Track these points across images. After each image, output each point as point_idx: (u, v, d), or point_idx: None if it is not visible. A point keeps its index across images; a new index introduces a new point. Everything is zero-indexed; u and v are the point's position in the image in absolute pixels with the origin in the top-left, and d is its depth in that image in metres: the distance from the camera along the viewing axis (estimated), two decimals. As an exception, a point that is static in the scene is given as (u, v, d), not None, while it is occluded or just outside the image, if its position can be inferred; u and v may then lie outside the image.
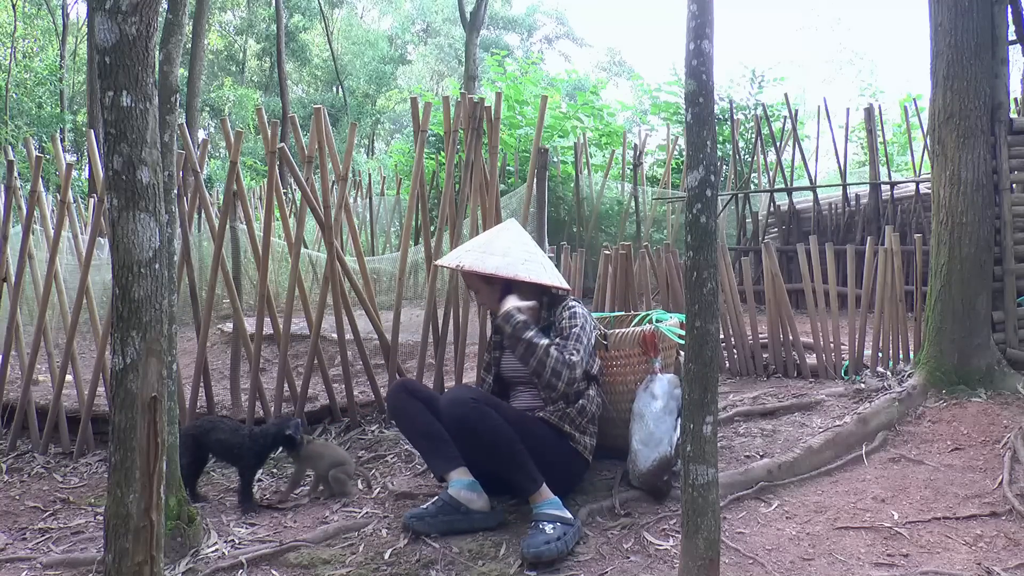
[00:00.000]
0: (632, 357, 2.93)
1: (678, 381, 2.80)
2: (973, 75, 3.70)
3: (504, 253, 2.74)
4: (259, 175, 18.43)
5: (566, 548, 2.32)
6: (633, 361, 2.93)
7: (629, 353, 2.93)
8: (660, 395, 2.77)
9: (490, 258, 2.73)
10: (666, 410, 2.73)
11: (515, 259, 2.73)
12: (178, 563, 2.32)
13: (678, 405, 2.73)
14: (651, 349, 2.89)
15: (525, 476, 2.47)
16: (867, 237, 4.89)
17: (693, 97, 1.84)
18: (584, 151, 9.50)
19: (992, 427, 3.23)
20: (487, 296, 2.82)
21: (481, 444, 2.48)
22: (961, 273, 3.71)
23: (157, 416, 1.66)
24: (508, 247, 2.77)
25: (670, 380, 2.83)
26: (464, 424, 2.49)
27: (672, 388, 2.80)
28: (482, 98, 3.79)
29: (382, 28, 36.49)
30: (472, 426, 2.46)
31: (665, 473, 2.68)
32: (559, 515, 2.40)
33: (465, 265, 2.73)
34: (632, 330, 2.98)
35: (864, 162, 9.56)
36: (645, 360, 2.90)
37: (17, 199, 3.88)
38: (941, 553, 2.30)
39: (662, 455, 2.65)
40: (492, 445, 2.46)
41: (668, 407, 2.74)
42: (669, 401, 2.76)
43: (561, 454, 2.63)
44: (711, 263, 1.85)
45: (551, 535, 2.31)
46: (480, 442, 2.48)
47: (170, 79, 2.46)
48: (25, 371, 3.72)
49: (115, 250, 1.64)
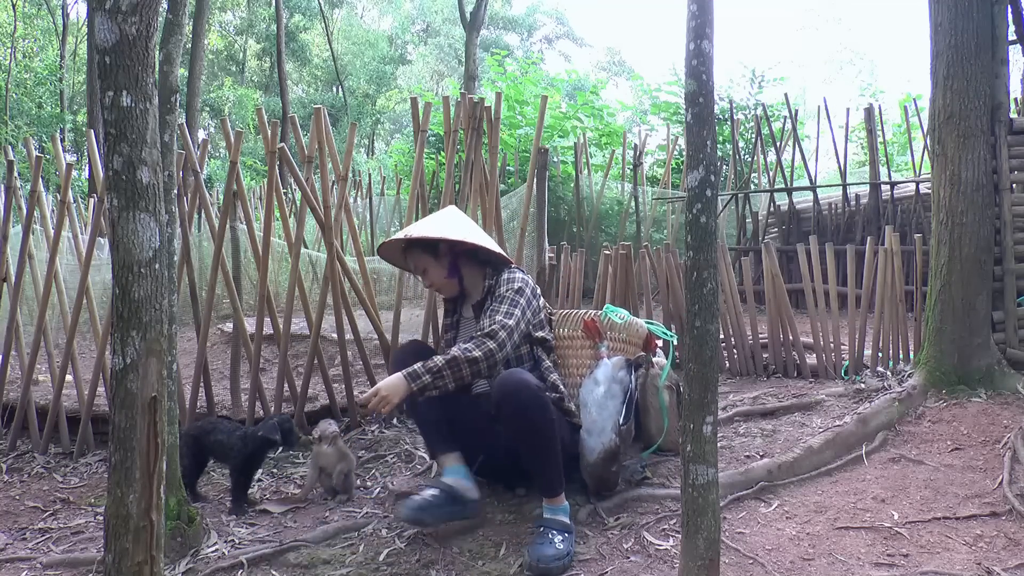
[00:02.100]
0: (575, 339, 2.93)
1: (623, 363, 2.73)
2: (973, 75, 3.70)
3: (447, 225, 2.75)
4: (259, 175, 18.42)
5: (570, 561, 2.30)
6: (576, 344, 2.92)
7: (572, 335, 2.93)
8: (602, 380, 2.66)
9: (434, 228, 2.73)
10: (608, 395, 2.62)
11: (459, 229, 2.73)
12: (178, 563, 2.32)
13: (624, 388, 2.65)
14: (595, 335, 2.86)
15: (557, 474, 2.43)
16: (867, 237, 4.89)
17: (693, 97, 1.84)
18: (584, 151, 9.50)
19: (992, 427, 3.22)
20: (436, 273, 2.77)
21: (533, 435, 2.38)
22: (961, 273, 3.71)
23: (157, 416, 1.66)
24: (449, 222, 2.77)
25: (614, 363, 2.72)
26: (525, 413, 2.36)
27: (616, 372, 2.69)
28: (482, 98, 3.79)
29: (382, 28, 36.50)
30: (532, 417, 2.36)
31: (612, 463, 2.57)
32: (567, 524, 2.38)
33: (413, 233, 2.71)
34: (574, 311, 3.01)
35: (864, 162, 9.56)
36: (592, 347, 2.87)
37: (17, 199, 3.88)
38: (941, 553, 2.30)
39: (606, 445, 2.55)
40: (547, 440, 2.38)
41: (611, 391, 2.63)
42: (612, 385, 2.64)
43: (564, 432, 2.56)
44: (711, 263, 1.85)
45: (561, 550, 2.27)
46: (533, 433, 2.38)
47: (170, 79, 2.46)
48: (25, 371, 3.72)
49: (115, 250, 1.64)
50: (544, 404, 2.39)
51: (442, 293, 2.89)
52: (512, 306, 2.57)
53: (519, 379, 2.39)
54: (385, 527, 2.59)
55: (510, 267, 2.75)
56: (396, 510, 2.54)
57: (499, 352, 2.47)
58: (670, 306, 4.71)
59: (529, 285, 2.68)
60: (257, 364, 3.58)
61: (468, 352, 2.43)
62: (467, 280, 2.80)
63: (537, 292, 2.74)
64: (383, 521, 2.65)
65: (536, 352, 2.72)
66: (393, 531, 2.55)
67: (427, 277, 2.81)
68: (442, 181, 6.90)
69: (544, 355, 2.72)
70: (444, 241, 2.71)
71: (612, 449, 2.55)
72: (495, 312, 2.56)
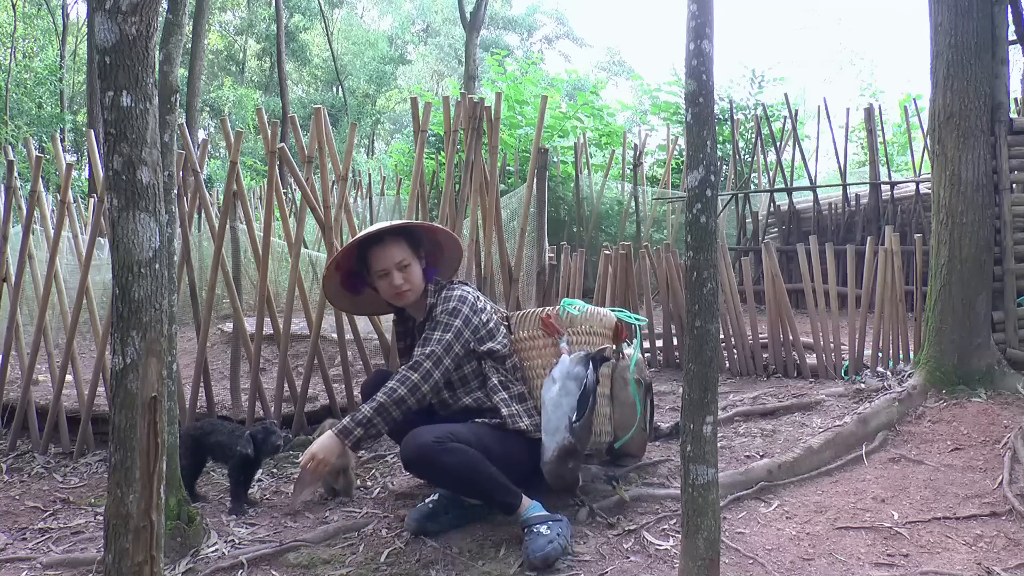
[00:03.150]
0: (537, 339, 2.81)
1: (581, 357, 2.61)
2: (973, 75, 3.70)
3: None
4: (259, 175, 18.42)
5: (566, 542, 2.32)
6: (539, 344, 2.80)
7: (533, 335, 2.82)
8: (558, 377, 2.56)
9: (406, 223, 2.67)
10: (563, 392, 2.52)
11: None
12: (178, 563, 2.32)
13: (579, 384, 2.54)
14: (553, 331, 2.77)
15: (504, 495, 2.40)
16: (867, 237, 4.89)
17: (693, 97, 1.84)
18: (584, 151, 9.50)
19: (992, 427, 3.23)
20: (417, 272, 2.63)
21: (453, 484, 2.43)
22: (961, 273, 3.71)
23: (157, 416, 1.66)
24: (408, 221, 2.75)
25: (572, 358, 2.61)
26: (433, 473, 2.41)
27: (572, 367, 2.57)
28: (482, 98, 3.79)
29: (382, 28, 36.52)
30: (440, 472, 2.37)
31: (569, 460, 2.48)
32: (545, 514, 2.38)
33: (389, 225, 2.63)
34: (531, 311, 2.90)
35: (864, 162, 9.56)
36: (554, 343, 2.76)
37: (17, 199, 3.88)
38: (941, 553, 2.30)
39: (560, 443, 2.47)
40: (469, 481, 2.37)
41: (565, 388, 2.53)
42: (566, 382, 2.54)
43: (515, 446, 2.53)
44: (711, 263, 1.85)
45: (549, 535, 2.29)
46: (453, 482, 2.41)
47: (170, 79, 2.46)
48: (25, 371, 3.71)
49: (115, 250, 1.64)
50: (445, 454, 2.31)
51: (404, 299, 2.65)
52: (444, 331, 2.49)
53: (414, 445, 2.33)
54: (385, 527, 2.59)
55: (451, 283, 2.67)
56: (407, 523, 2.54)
57: (424, 384, 2.40)
58: (670, 306, 4.71)
59: (467, 301, 2.57)
60: (257, 364, 3.58)
61: (393, 394, 2.37)
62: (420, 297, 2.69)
63: (478, 306, 2.61)
64: (383, 521, 2.65)
65: (484, 367, 2.61)
66: (393, 531, 2.55)
67: (407, 275, 2.61)
68: (442, 181, 6.90)
69: (493, 370, 2.62)
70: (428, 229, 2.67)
71: (566, 447, 2.47)
72: (426, 340, 2.48)
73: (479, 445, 2.39)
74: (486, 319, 2.64)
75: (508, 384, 2.64)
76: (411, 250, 2.63)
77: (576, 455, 2.50)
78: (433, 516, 2.50)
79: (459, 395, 2.61)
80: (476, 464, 2.35)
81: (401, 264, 2.60)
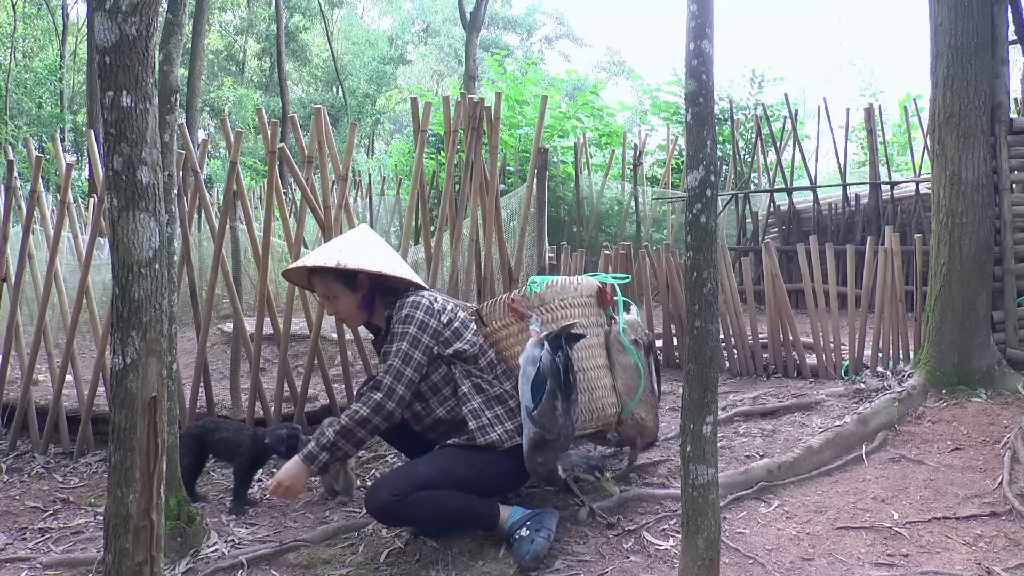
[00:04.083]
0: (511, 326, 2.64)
1: (540, 338, 2.41)
2: (973, 75, 3.70)
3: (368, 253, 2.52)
4: (259, 175, 18.43)
5: (551, 534, 2.32)
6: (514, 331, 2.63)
7: (507, 323, 2.64)
8: (523, 364, 2.40)
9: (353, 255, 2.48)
10: (524, 379, 2.36)
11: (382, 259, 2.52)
12: (178, 563, 2.32)
13: (538, 367, 2.34)
14: (520, 315, 2.60)
15: (477, 517, 2.38)
16: (867, 237, 4.89)
17: (693, 97, 1.84)
18: (584, 151, 9.51)
19: (992, 427, 3.23)
20: (347, 304, 2.55)
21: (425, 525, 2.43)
22: (961, 273, 3.71)
23: (157, 416, 1.66)
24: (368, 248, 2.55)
25: (532, 342, 2.43)
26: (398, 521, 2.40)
27: (532, 350, 2.39)
28: (482, 98, 3.79)
29: (382, 28, 36.53)
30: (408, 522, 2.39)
31: (537, 454, 2.33)
32: (524, 517, 2.37)
33: (324, 261, 2.47)
34: (498, 298, 2.74)
35: (864, 162, 9.57)
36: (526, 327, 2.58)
37: (17, 199, 3.88)
38: (941, 553, 2.30)
39: (529, 434, 2.33)
40: (436, 521, 2.38)
41: (525, 374, 2.36)
42: (527, 367, 2.37)
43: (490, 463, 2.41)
44: (711, 263, 1.85)
45: (530, 535, 2.30)
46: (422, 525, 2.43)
47: (170, 79, 2.46)
48: (25, 371, 3.72)
49: (115, 250, 1.64)
50: (406, 509, 2.26)
51: (347, 324, 2.67)
52: (400, 340, 2.39)
53: (374, 504, 2.30)
54: (385, 527, 2.59)
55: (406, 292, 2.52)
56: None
57: (389, 401, 2.33)
58: (670, 306, 4.71)
59: (420, 306, 2.44)
60: (257, 364, 3.58)
61: (356, 415, 2.32)
62: (376, 311, 2.59)
63: (434, 308, 2.47)
64: (383, 521, 2.64)
65: (454, 373, 2.47)
66: (393, 531, 2.55)
67: (333, 306, 2.59)
68: (442, 181, 6.90)
69: (464, 375, 2.47)
70: (364, 273, 2.50)
71: (533, 439, 2.32)
72: (385, 355, 2.42)
73: (446, 478, 2.32)
74: (447, 319, 2.49)
75: (482, 387, 2.48)
76: (341, 283, 2.52)
77: (544, 448, 2.33)
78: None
79: (431, 406, 2.49)
80: (442, 505, 2.30)
81: (325, 295, 2.60)
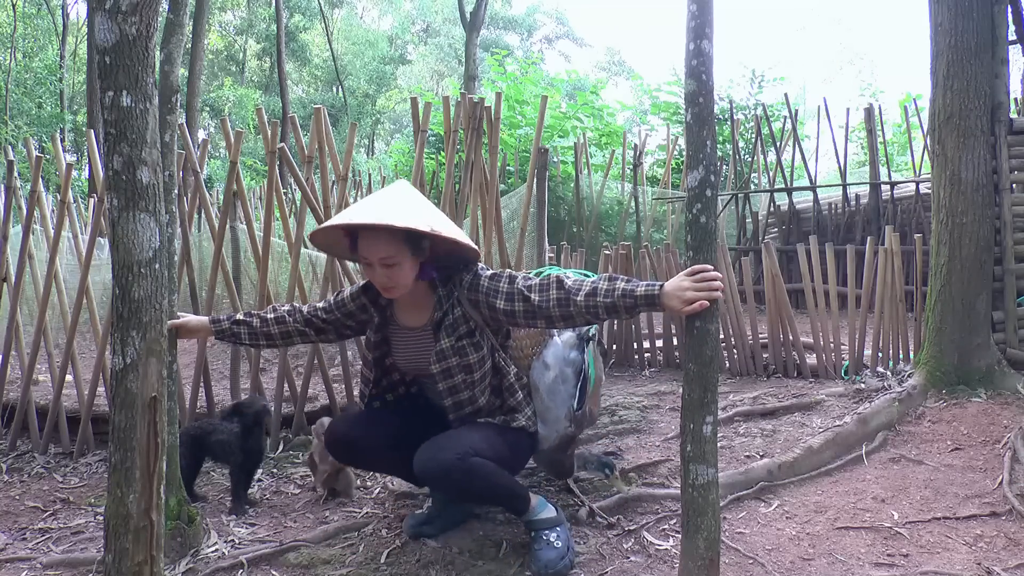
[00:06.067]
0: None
1: (575, 341, 2.43)
2: (973, 75, 3.70)
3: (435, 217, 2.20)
4: (259, 175, 18.42)
5: (573, 555, 2.29)
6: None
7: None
8: (552, 363, 2.40)
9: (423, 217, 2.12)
10: (559, 379, 2.39)
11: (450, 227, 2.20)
12: (178, 563, 2.32)
13: (576, 371, 2.41)
14: None
15: (514, 498, 2.33)
16: (867, 237, 4.89)
17: (693, 97, 1.84)
18: (584, 151, 9.51)
19: (992, 427, 3.23)
20: (406, 273, 2.17)
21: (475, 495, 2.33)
22: (961, 273, 3.72)
23: (157, 416, 1.66)
24: (430, 211, 2.21)
25: (564, 342, 2.43)
26: (455, 485, 2.20)
27: (567, 352, 2.41)
28: (482, 98, 3.79)
29: (382, 28, 36.54)
30: (463, 484, 2.18)
31: (568, 448, 2.43)
32: (553, 517, 2.35)
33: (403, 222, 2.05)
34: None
35: (864, 162, 9.57)
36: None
37: (17, 199, 3.88)
38: (941, 553, 2.30)
39: (560, 432, 2.38)
40: (489, 491, 2.27)
41: (562, 375, 2.39)
42: (563, 368, 2.40)
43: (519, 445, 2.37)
44: (711, 263, 1.86)
45: (561, 548, 2.25)
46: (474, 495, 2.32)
47: (170, 79, 2.46)
48: (25, 371, 3.71)
49: (115, 250, 1.64)
50: (468, 472, 2.13)
51: (390, 294, 2.24)
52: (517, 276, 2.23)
53: (436, 462, 2.14)
54: (385, 527, 2.59)
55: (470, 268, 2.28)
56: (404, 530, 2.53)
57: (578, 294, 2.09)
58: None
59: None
60: (257, 364, 3.58)
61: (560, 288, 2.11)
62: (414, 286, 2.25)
63: None
64: (383, 521, 2.65)
65: (498, 361, 2.31)
66: (393, 531, 2.55)
67: (391, 273, 2.16)
68: (442, 181, 6.90)
69: (508, 363, 2.34)
70: (439, 238, 2.14)
71: (566, 436, 2.40)
72: (530, 291, 2.15)
73: (493, 453, 2.21)
74: None
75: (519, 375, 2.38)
76: (407, 248, 2.14)
77: (573, 444, 2.47)
78: (429, 520, 2.49)
79: (476, 394, 2.29)
80: (494, 477, 2.22)
81: (385, 261, 2.13)
